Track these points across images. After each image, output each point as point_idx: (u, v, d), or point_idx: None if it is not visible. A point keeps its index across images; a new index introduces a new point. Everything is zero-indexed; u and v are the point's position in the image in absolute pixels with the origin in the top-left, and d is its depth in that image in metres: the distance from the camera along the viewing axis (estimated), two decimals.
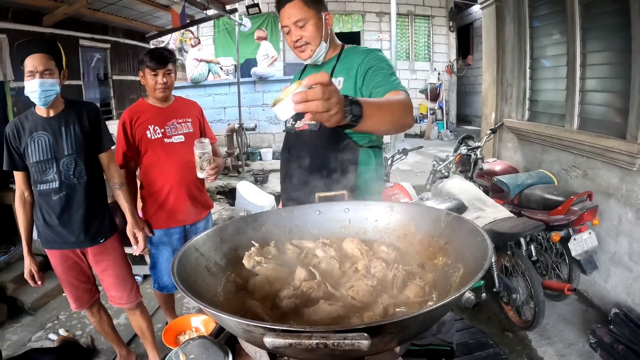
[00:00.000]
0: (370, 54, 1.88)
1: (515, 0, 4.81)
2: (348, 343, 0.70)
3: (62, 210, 2.50)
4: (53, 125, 2.45)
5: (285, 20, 1.85)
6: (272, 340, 0.74)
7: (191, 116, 3.04)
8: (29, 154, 2.44)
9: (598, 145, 3.51)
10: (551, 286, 3.35)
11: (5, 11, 4.50)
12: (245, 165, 8.65)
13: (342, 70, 1.90)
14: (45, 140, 2.43)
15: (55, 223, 2.52)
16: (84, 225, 2.56)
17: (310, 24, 1.83)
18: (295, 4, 1.81)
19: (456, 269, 1.13)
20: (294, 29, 1.84)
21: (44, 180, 2.47)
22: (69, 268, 2.65)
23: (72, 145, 2.47)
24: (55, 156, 2.45)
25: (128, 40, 7.11)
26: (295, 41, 1.86)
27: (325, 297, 1.09)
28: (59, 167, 2.46)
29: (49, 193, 2.48)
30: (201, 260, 1.22)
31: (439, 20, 12.49)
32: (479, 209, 3.62)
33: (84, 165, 2.52)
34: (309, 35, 1.84)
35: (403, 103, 1.59)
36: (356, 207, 1.53)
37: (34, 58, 2.32)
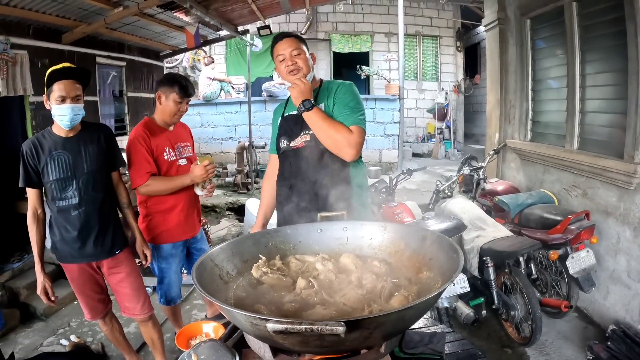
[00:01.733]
0: (343, 86, 2.28)
1: (517, 23, 4.95)
2: (327, 329, 0.93)
3: (81, 225, 2.62)
4: (72, 145, 2.60)
5: (281, 50, 2.23)
6: (272, 326, 0.95)
7: (189, 140, 3.30)
8: (49, 171, 2.56)
9: (597, 165, 3.58)
10: (549, 303, 3.43)
11: (27, 28, 4.71)
12: (254, 182, 8.81)
13: (322, 98, 2.27)
14: (65, 158, 2.57)
15: (74, 238, 2.63)
16: (101, 238, 2.69)
17: (303, 54, 2.23)
18: (291, 39, 2.24)
19: (436, 281, 1.29)
20: (289, 56, 2.21)
21: (63, 197, 2.59)
22: (86, 280, 2.77)
23: (90, 163, 2.62)
24: (74, 174, 2.59)
25: (143, 58, 7.36)
26: (289, 66, 2.21)
27: (321, 303, 1.28)
28: (79, 184, 2.59)
29: (68, 209, 2.61)
30: (215, 269, 1.42)
31: (447, 41, 12.67)
32: (479, 228, 3.72)
33: (101, 182, 2.69)
34: (301, 62, 2.22)
35: (345, 133, 2.10)
36: (354, 226, 1.72)
37: (68, 84, 2.47)
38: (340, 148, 2.10)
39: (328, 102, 2.24)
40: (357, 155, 2.15)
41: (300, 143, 2.23)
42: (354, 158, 2.14)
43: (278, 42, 2.26)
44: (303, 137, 2.22)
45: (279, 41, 2.26)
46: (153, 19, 5.64)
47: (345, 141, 2.09)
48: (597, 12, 3.71)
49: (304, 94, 2.12)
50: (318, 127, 2.12)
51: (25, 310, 4.16)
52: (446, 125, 12.15)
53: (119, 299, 2.91)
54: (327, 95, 2.27)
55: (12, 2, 4.09)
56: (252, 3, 6.18)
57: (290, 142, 2.26)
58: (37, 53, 4.84)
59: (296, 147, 2.24)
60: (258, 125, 10.24)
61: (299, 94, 2.12)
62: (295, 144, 2.25)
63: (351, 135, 2.10)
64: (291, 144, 2.26)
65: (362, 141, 2.16)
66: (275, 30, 11.20)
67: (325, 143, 2.13)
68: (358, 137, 2.13)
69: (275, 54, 2.27)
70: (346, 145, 2.09)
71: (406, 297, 1.26)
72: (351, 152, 2.11)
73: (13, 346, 3.67)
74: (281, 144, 2.32)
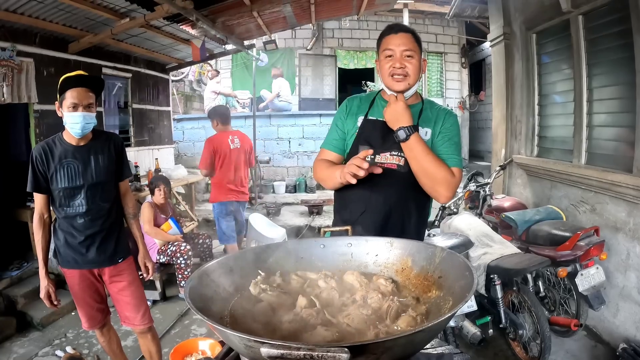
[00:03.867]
0: (451, 117, 2.00)
1: (523, 38, 4.95)
2: (330, 355, 0.82)
3: (86, 231, 2.64)
4: (83, 154, 2.61)
5: (392, 45, 1.89)
6: (267, 351, 0.85)
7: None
8: (57, 179, 2.57)
9: (605, 179, 3.53)
10: (558, 322, 3.34)
11: (33, 36, 4.74)
12: (258, 197, 8.77)
13: (428, 123, 1.97)
14: (74, 167, 2.59)
15: (78, 244, 2.65)
16: (105, 246, 2.71)
17: (415, 59, 1.89)
18: (409, 36, 1.89)
19: (446, 301, 1.21)
20: (400, 57, 1.88)
21: (70, 205, 2.61)
22: (87, 287, 2.76)
23: (99, 173, 2.64)
24: (83, 183, 2.60)
25: (149, 70, 7.38)
26: (397, 67, 1.88)
27: (323, 324, 1.17)
28: (87, 194, 2.61)
29: (74, 216, 2.62)
30: (212, 285, 1.32)
31: (452, 57, 12.69)
32: (486, 245, 3.66)
33: (108, 192, 2.72)
34: (412, 68, 1.89)
35: (446, 174, 1.82)
36: (358, 242, 1.62)
37: (81, 92, 2.49)
38: (437, 189, 1.84)
39: (435, 129, 1.95)
40: (451, 199, 1.94)
41: (389, 163, 1.93)
42: (447, 201, 1.93)
43: (390, 33, 1.91)
44: (395, 158, 1.93)
45: (391, 33, 1.91)
46: (159, 31, 5.67)
47: (446, 183, 1.82)
48: (603, 25, 3.69)
49: (399, 117, 1.81)
50: (418, 160, 1.82)
51: (22, 319, 4.15)
52: None
53: (119, 309, 2.88)
54: (433, 120, 1.97)
55: (19, 10, 4.11)
56: (259, 17, 6.20)
57: (376, 157, 1.94)
58: (43, 61, 4.87)
59: (382, 164, 1.93)
60: (262, 140, 10.22)
61: (393, 116, 1.82)
62: (382, 160, 1.94)
63: (452, 178, 1.83)
64: (376, 159, 1.95)
65: (459, 185, 1.93)
66: (282, 46, 11.30)
67: (420, 178, 1.85)
68: (458, 180, 1.87)
69: (383, 47, 1.93)
70: (445, 187, 1.82)
71: (414, 318, 1.19)
72: (448, 195, 1.85)
73: (8, 355, 3.65)
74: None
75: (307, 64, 12.21)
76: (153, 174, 6.11)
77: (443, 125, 1.95)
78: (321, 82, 12.31)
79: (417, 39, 1.91)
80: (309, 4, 6.17)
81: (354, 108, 2.10)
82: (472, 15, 9.32)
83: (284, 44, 11.76)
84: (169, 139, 8.41)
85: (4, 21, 4.21)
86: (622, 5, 3.31)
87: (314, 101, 11.93)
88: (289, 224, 7.30)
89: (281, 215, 8.03)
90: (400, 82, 1.90)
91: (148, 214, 4.77)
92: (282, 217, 7.91)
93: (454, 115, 2.02)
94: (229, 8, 5.55)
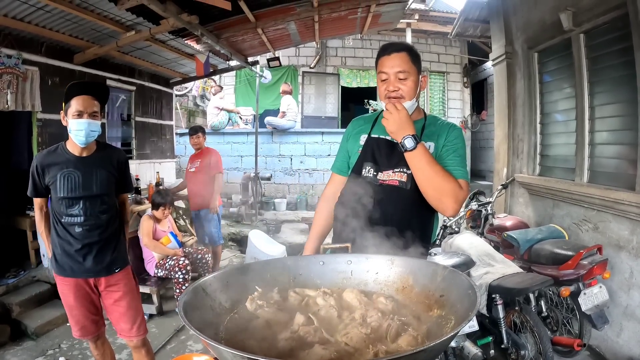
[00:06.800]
0: (455, 130, 1.97)
1: (525, 57, 4.97)
2: None
3: (83, 241, 2.63)
4: (85, 166, 2.62)
5: (386, 67, 1.87)
6: None
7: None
8: (57, 188, 2.58)
9: (608, 198, 3.51)
10: (561, 342, 3.28)
11: (39, 46, 4.79)
12: (258, 214, 8.75)
13: (431, 137, 1.94)
14: (75, 178, 2.59)
15: (75, 252, 2.64)
16: (102, 255, 2.69)
17: (410, 80, 1.86)
18: (402, 56, 1.85)
19: (448, 321, 1.18)
20: (394, 79, 1.86)
21: (69, 214, 2.62)
22: (81, 297, 2.72)
23: (100, 186, 2.65)
24: (82, 194, 2.61)
25: (153, 84, 7.44)
26: (390, 91, 1.87)
27: (321, 342, 1.15)
28: (85, 204, 2.62)
29: (72, 225, 2.62)
30: (207, 300, 1.30)
31: (454, 77, 12.77)
32: (488, 265, 3.61)
33: (108, 204, 2.71)
34: (406, 90, 1.86)
35: (452, 186, 1.77)
36: (358, 260, 1.60)
37: (87, 100, 2.51)
38: (444, 200, 1.78)
39: (438, 142, 1.92)
40: (457, 212, 1.88)
41: (392, 180, 1.90)
42: (453, 214, 1.86)
43: (385, 55, 1.89)
44: (397, 175, 1.90)
45: (385, 55, 1.89)
46: (164, 45, 5.73)
47: (453, 194, 1.76)
48: (605, 42, 3.72)
49: (403, 126, 1.75)
50: (423, 171, 1.77)
51: (17, 328, 4.13)
52: None
53: (114, 321, 2.85)
54: (437, 134, 1.94)
55: (26, 18, 4.17)
56: (263, 34, 6.26)
57: (378, 174, 1.92)
58: (48, 71, 4.92)
59: (384, 182, 1.91)
60: (264, 156, 10.24)
61: (394, 125, 1.76)
62: (384, 177, 1.91)
63: (459, 191, 1.78)
64: (378, 176, 1.92)
65: (466, 198, 1.90)
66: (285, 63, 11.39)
67: (426, 190, 1.80)
68: (466, 193, 1.82)
69: (378, 69, 1.91)
70: (452, 199, 1.77)
71: (415, 337, 1.15)
72: (455, 207, 1.79)
73: None
74: (364, 170, 1.96)
75: (310, 82, 12.30)
76: (154, 187, 6.11)
77: (447, 139, 1.92)
78: (324, 100, 12.37)
79: (413, 56, 1.88)
80: (313, 22, 6.23)
81: (357, 128, 2.12)
82: (475, 35, 9.39)
83: (288, 62, 11.86)
84: (171, 153, 8.42)
85: (10, 29, 4.27)
86: (623, 23, 3.33)
87: (316, 119, 11.98)
88: (289, 241, 7.26)
89: (281, 233, 8.00)
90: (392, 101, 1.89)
91: (147, 227, 4.74)
92: (282, 235, 7.87)
93: (458, 128, 1.99)
94: (233, 24, 5.62)
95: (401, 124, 1.75)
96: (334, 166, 2.19)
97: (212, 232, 5.74)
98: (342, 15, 6.20)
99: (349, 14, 6.29)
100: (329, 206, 2.12)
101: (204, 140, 5.88)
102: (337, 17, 6.34)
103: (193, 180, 5.76)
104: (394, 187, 1.89)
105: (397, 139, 1.78)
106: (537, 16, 4.66)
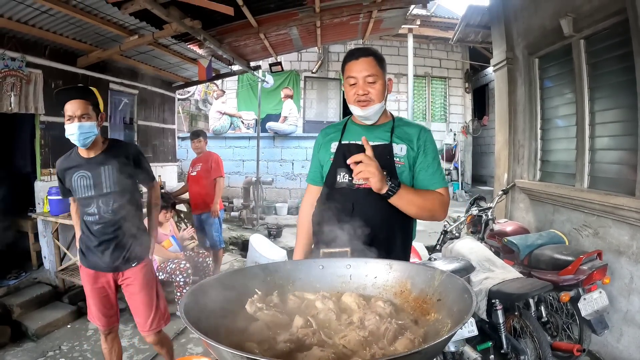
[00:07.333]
0: (425, 133, 2.01)
1: (525, 63, 4.99)
2: None
3: (101, 237, 2.77)
4: (93, 166, 2.72)
5: (354, 72, 1.91)
6: None
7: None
8: (74, 190, 2.76)
9: (608, 203, 3.52)
10: (561, 347, 3.28)
11: (43, 49, 4.84)
12: (259, 218, 8.76)
13: (402, 139, 1.98)
14: (86, 179, 2.71)
15: (94, 248, 2.79)
16: (118, 251, 2.80)
17: (379, 83, 1.91)
18: (369, 60, 1.91)
19: (445, 324, 1.20)
20: (362, 83, 1.90)
21: (87, 213, 2.77)
22: (96, 290, 2.87)
23: (111, 184, 2.73)
24: (95, 194, 2.72)
25: (155, 88, 7.48)
26: (360, 95, 1.91)
27: (319, 344, 1.16)
28: (98, 203, 2.73)
29: (91, 223, 2.77)
30: (208, 302, 1.31)
31: (455, 82, 12.80)
32: (488, 270, 3.61)
33: (121, 201, 2.78)
34: (375, 93, 1.91)
35: (440, 201, 1.89)
36: (357, 264, 1.61)
37: (72, 104, 2.58)
38: (436, 216, 1.91)
39: (411, 145, 1.96)
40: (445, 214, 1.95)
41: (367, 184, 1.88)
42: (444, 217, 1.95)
43: (352, 60, 1.93)
44: None
45: (352, 59, 1.93)
46: (167, 49, 5.76)
47: (441, 208, 1.89)
48: (605, 48, 3.74)
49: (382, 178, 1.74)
50: (413, 203, 1.84)
51: (17, 329, 4.15)
52: (454, 166, 12.11)
53: (133, 314, 2.99)
54: (408, 136, 1.98)
55: (30, 21, 4.20)
56: (265, 39, 6.30)
57: (353, 179, 1.92)
58: (52, 74, 4.96)
59: (360, 186, 1.94)
60: (266, 161, 10.26)
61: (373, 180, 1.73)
62: (359, 182, 1.93)
63: (445, 200, 1.91)
64: (354, 181, 1.94)
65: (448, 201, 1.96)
66: (287, 68, 11.43)
67: (419, 215, 1.90)
68: (448, 197, 1.94)
69: (346, 74, 1.94)
70: (442, 211, 1.90)
71: (412, 340, 1.16)
72: (445, 215, 1.92)
73: None
74: (338, 176, 2.00)
75: (312, 87, 12.35)
76: None
77: (419, 143, 1.97)
78: (325, 105, 12.41)
79: (379, 60, 1.94)
80: (315, 28, 6.27)
81: (327, 137, 2.15)
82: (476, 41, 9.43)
83: (290, 67, 11.92)
84: (173, 157, 8.45)
85: (15, 32, 4.31)
86: (623, 29, 3.35)
87: (318, 124, 12.02)
88: (290, 245, 7.26)
89: (282, 237, 8.00)
90: (365, 107, 1.93)
91: None
92: (283, 239, 7.88)
93: (428, 130, 2.05)
94: (236, 29, 5.66)
95: (381, 178, 1.74)
96: (308, 177, 2.24)
97: (214, 235, 5.75)
98: (344, 20, 6.24)
99: (351, 20, 6.32)
100: (309, 219, 2.17)
101: (205, 144, 5.90)
102: (339, 23, 6.37)
103: (194, 184, 5.76)
104: (370, 190, 1.88)
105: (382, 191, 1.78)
106: (537, 22, 4.69)
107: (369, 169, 1.71)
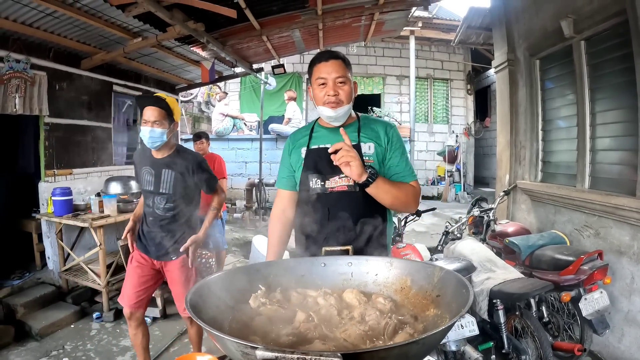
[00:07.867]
0: (391, 128, 2.08)
1: (527, 64, 5.01)
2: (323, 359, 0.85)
3: (151, 229, 3.11)
4: (158, 166, 3.03)
5: (324, 73, 1.95)
6: (262, 353, 0.88)
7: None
8: (139, 181, 3.16)
9: (609, 203, 3.53)
10: (562, 347, 3.29)
11: (47, 51, 4.88)
12: (262, 219, 8.79)
13: (369, 138, 2.03)
14: (150, 176, 3.04)
15: (146, 234, 3.14)
16: (162, 244, 3.09)
17: (347, 85, 1.97)
18: (339, 63, 1.96)
19: (444, 319, 1.23)
20: (333, 84, 1.94)
21: (146, 204, 3.13)
22: (138, 268, 3.16)
23: (167, 187, 3.03)
24: (153, 190, 3.04)
25: (159, 90, 7.43)
26: (330, 95, 1.94)
27: (320, 338, 1.20)
28: (154, 200, 3.05)
29: (147, 214, 3.13)
30: (212, 297, 1.35)
31: (457, 84, 12.83)
32: (489, 270, 3.63)
33: (174, 203, 3.06)
34: (344, 94, 1.95)
35: (412, 192, 1.98)
36: (358, 262, 1.65)
37: (149, 110, 2.89)
38: (409, 207, 2.00)
39: (379, 143, 2.03)
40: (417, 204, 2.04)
41: (340, 186, 1.97)
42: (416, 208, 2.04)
43: (322, 61, 1.97)
44: (344, 180, 1.96)
45: (322, 61, 1.97)
46: (170, 51, 5.79)
47: (414, 198, 1.98)
48: (605, 49, 3.75)
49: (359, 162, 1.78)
50: (388, 192, 1.89)
51: (21, 329, 4.19)
52: (456, 168, 12.13)
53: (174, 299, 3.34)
54: (375, 134, 2.04)
55: (35, 24, 4.23)
56: (268, 41, 6.33)
57: (325, 183, 1.98)
58: (56, 75, 5.00)
59: (333, 189, 1.98)
60: (269, 163, 10.29)
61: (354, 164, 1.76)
62: (332, 185, 1.98)
63: (417, 191, 2.00)
64: (326, 185, 1.98)
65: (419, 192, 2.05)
66: (290, 70, 11.48)
67: (394, 205, 1.96)
68: (419, 189, 2.04)
69: (315, 75, 1.98)
70: (414, 202, 1.98)
71: (411, 335, 1.19)
72: (416, 206, 2.02)
73: None
74: (311, 182, 2.02)
75: None
76: None
77: (389, 140, 2.04)
78: None
79: (347, 64, 2.00)
80: (317, 30, 6.29)
81: (296, 142, 2.17)
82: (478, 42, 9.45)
83: (292, 69, 11.96)
84: None
85: (19, 34, 4.34)
86: (624, 30, 3.37)
87: None
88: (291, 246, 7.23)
89: None
90: (334, 108, 1.96)
91: None
92: None
93: (393, 126, 2.11)
94: (239, 32, 5.69)
95: (361, 164, 1.79)
96: (278, 182, 2.25)
97: (216, 237, 5.77)
98: (346, 23, 6.26)
99: (353, 22, 6.35)
100: (280, 225, 2.22)
101: (207, 146, 5.92)
102: (341, 25, 6.40)
103: None
104: (344, 192, 1.97)
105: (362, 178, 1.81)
106: (538, 24, 4.71)
107: (350, 154, 1.75)
